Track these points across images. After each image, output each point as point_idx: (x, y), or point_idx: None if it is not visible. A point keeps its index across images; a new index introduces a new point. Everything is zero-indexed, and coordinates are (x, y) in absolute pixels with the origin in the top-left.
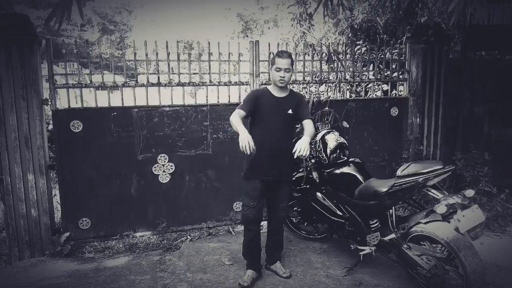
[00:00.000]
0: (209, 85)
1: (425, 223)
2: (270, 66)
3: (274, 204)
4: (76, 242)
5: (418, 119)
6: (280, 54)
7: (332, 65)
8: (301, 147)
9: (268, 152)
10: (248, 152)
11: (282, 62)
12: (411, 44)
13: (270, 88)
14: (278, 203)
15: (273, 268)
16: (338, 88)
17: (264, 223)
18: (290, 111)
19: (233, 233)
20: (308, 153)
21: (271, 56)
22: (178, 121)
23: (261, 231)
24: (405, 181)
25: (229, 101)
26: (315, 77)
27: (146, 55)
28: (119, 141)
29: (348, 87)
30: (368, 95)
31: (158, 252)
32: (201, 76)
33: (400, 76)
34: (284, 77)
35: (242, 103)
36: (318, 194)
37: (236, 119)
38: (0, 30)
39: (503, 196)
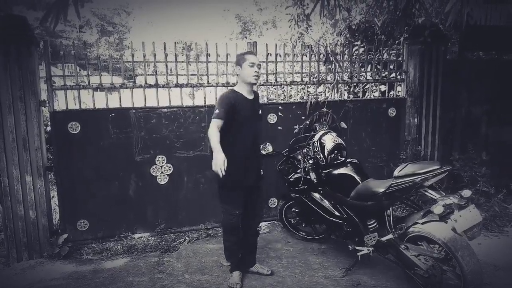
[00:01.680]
0: (207, 86)
1: (423, 223)
2: (238, 65)
3: (254, 205)
4: (74, 243)
5: (415, 120)
6: (249, 51)
7: (330, 66)
8: None
9: (250, 158)
10: (220, 175)
11: (254, 58)
12: (409, 45)
13: (240, 89)
14: (257, 203)
15: (254, 270)
16: (336, 89)
17: None
18: (260, 112)
19: None
20: None
21: (243, 56)
22: (176, 122)
23: None
24: (403, 181)
25: None
26: (313, 78)
27: (144, 56)
28: (117, 142)
29: (346, 88)
30: (366, 96)
31: (156, 253)
32: (199, 77)
33: (398, 77)
34: (258, 72)
35: (219, 111)
36: (316, 195)
37: (214, 138)
38: None
39: (500, 196)
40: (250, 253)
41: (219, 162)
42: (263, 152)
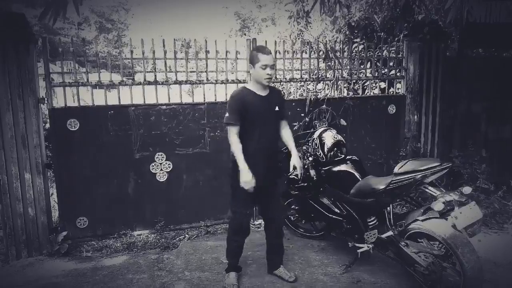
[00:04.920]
0: (207, 83)
1: (423, 220)
2: (251, 63)
3: (272, 206)
4: (74, 241)
5: (415, 117)
6: (263, 49)
7: (329, 63)
8: (299, 166)
9: (265, 156)
10: (251, 191)
11: (268, 59)
12: (409, 42)
13: (251, 87)
14: (275, 203)
15: (277, 274)
16: (335, 86)
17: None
18: (276, 108)
19: None
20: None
21: (252, 53)
22: (176, 120)
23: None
24: (403, 178)
25: (226, 99)
26: (313, 75)
27: (143, 53)
28: (116, 140)
29: (345, 85)
30: (365, 93)
31: (156, 250)
32: (199, 74)
33: (398, 74)
34: (270, 74)
35: (230, 115)
36: (316, 192)
37: (236, 145)
38: None
39: (500, 193)
40: (275, 254)
41: (247, 181)
42: None
